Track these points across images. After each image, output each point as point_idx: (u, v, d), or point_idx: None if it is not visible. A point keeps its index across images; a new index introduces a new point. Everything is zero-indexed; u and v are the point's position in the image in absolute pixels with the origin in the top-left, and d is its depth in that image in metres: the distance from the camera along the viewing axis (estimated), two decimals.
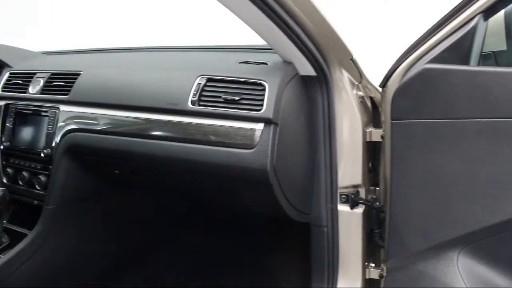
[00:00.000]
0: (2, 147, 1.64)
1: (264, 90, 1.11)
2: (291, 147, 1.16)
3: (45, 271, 1.53)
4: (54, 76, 1.58)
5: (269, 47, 1.40)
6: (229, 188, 1.31)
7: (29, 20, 2.92)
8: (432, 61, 1.05)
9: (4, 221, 1.52)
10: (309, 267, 1.34)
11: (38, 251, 1.50)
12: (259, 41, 1.54)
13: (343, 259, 1.30)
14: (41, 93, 1.57)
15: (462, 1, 1.03)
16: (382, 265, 1.31)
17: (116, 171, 1.52)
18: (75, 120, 1.44)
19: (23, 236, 1.53)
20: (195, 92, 1.19)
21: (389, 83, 1.16)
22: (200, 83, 1.20)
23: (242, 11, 1.01)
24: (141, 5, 2.63)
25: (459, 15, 1.03)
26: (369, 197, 1.30)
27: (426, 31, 1.09)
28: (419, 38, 1.11)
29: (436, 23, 1.08)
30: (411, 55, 1.11)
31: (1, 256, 1.45)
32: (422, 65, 1.06)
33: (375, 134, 1.25)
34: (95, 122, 1.39)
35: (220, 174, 1.19)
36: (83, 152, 1.46)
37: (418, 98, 1.07)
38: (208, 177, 1.27)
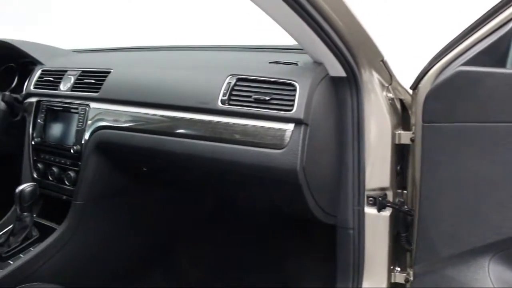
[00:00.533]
0: (33, 143, 1.67)
1: (295, 90, 1.11)
2: (320, 148, 1.16)
3: (72, 266, 1.55)
4: (85, 73, 1.60)
5: (299, 48, 1.40)
6: (256, 187, 1.31)
7: (59, 19, 2.97)
8: (467, 63, 1.03)
9: (34, 215, 1.54)
10: (333, 269, 1.33)
11: (66, 246, 1.52)
12: (287, 42, 1.56)
13: (369, 262, 1.29)
14: (72, 90, 1.59)
15: (499, 3, 1.01)
16: (408, 270, 1.30)
17: (144, 169, 1.54)
18: (104, 117, 1.46)
19: (52, 230, 1.55)
20: (225, 92, 1.20)
21: (421, 85, 1.15)
22: (230, 83, 1.20)
23: (274, 11, 1.01)
24: (169, 4, 2.65)
25: (496, 16, 1.01)
26: (397, 200, 1.28)
27: (461, 33, 1.08)
28: (453, 40, 1.09)
29: (471, 25, 1.06)
30: (444, 57, 1.09)
31: (31, 249, 1.48)
32: (456, 67, 1.04)
33: (405, 137, 1.24)
34: (124, 119, 1.40)
35: (248, 173, 1.19)
36: (112, 149, 1.48)
37: (452, 101, 1.05)
38: (235, 176, 1.27)
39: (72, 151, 1.53)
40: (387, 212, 1.25)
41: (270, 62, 1.28)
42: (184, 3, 2.60)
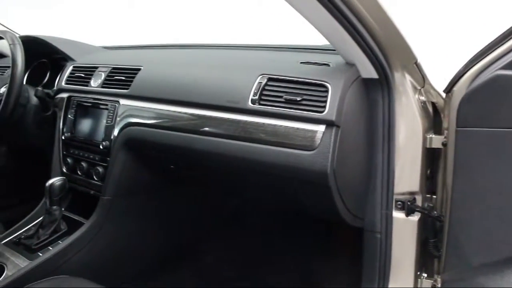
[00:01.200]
0: (63, 138, 1.70)
1: (327, 91, 1.10)
2: (350, 151, 1.15)
3: (98, 260, 1.57)
4: (115, 70, 1.62)
5: (330, 48, 1.40)
6: (284, 188, 1.31)
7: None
8: (505, 67, 1.01)
9: (63, 209, 1.57)
10: (358, 272, 1.32)
11: (93, 240, 1.54)
12: (315, 42, 1.55)
13: (395, 267, 1.27)
14: (102, 87, 1.61)
15: None
16: (436, 276, 1.28)
17: (171, 166, 1.54)
18: (134, 114, 1.47)
19: (79, 224, 1.57)
20: (255, 91, 1.19)
21: (455, 88, 1.13)
22: (261, 82, 1.20)
23: (307, 10, 1.00)
24: (198, 2, 2.66)
25: None
26: (426, 205, 1.26)
27: (499, 36, 1.05)
28: (490, 43, 1.07)
29: (509, 28, 1.04)
30: (481, 60, 1.07)
31: (60, 242, 1.50)
32: (493, 71, 1.02)
33: (436, 141, 1.22)
34: (153, 117, 1.41)
35: (276, 174, 1.18)
36: (140, 146, 1.49)
37: (488, 106, 1.03)
38: (264, 176, 1.26)
39: (101, 147, 1.55)
40: (415, 217, 1.23)
41: (301, 62, 1.27)
42: (213, 2, 2.61)
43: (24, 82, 1.66)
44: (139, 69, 1.53)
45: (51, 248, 1.48)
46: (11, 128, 1.67)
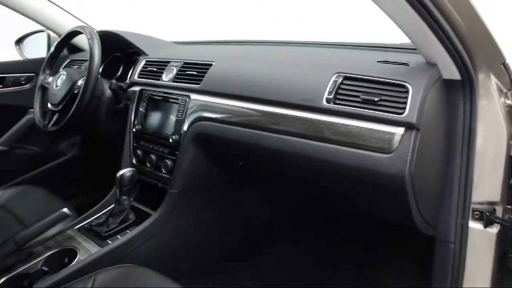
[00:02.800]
0: (134, 130, 1.74)
1: (407, 92, 1.05)
2: (428, 155, 1.09)
3: (163, 252, 1.60)
4: (187, 65, 1.64)
5: (408, 47, 1.34)
6: (355, 190, 1.27)
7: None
8: None
9: (131, 199, 1.61)
10: (428, 284, 1.26)
11: (160, 232, 1.57)
12: (392, 39, 1.49)
13: (468, 280, 1.20)
14: (174, 81, 1.64)
15: None
16: None
17: (240, 163, 1.54)
18: (204, 109, 1.48)
19: (147, 215, 1.61)
20: (330, 90, 1.16)
21: None
22: (336, 81, 1.16)
23: (391, 7, 0.96)
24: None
25: None
26: (507, 217, 1.18)
27: None
28: None
29: None
30: None
31: (128, 231, 1.54)
32: None
33: None
34: (224, 112, 1.41)
35: (348, 175, 1.15)
36: (209, 141, 1.50)
37: None
38: (334, 178, 1.23)
39: (170, 140, 1.57)
40: (494, 229, 1.15)
41: (378, 61, 1.22)
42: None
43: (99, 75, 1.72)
44: (210, 65, 1.54)
45: (119, 237, 1.52)
46: (86, 119, 1.73)
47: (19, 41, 2.47)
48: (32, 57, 2.42)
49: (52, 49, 1.93)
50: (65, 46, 2.08)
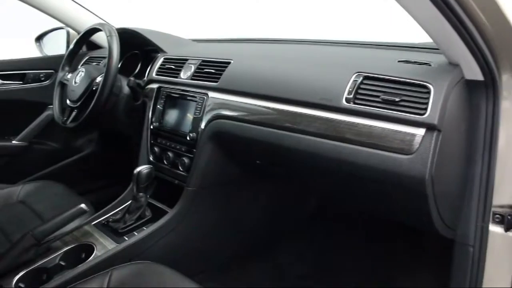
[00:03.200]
0: (151, 127, 1.75)
1: (428, 93, 1.03)
2: (448, 157, 1.07)
3: (178, 249, 1.61)
4: (205, 63, 1.64)
5: (430, 46, 1.32)
6: (373, 191, 1.25)
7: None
8: None
9: (148, 196, 1.61)
10: (445, 286, 1.24)
11: (176, 229, 1.57)
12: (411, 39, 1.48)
13: (487, 285, 1.18)
14: (192, 79, 1.64)
15: None
16: None
17: (257, 161, 1.53)
18: (222, 107, 1.48)
19: (163, 212, 1.62)
20: (350, 90, 1.14)
21: None
22: (356, 81, 1.15)
23: (413, 5, 0.95)
24: None
25: None
26: None
27: None
28: None
29: None
30: None
31: (144, 228, 1.55)
32: None
33: None
34: (242, 111, 1.41)
35: (367, 176, 1.13)
36: (227, 140, 1.49)
37: None
38: (352, 178, 1.22)
39: (188, 138, 1.57)
40: None
41: (399, 61, 1.21)
42: None
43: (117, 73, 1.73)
44: (229, 63, 1.54)
45: (136, 234, 1.52)
46: (104, 115, 1.74)
47: (39, 38, 2.50)
48: (51, 54, 2.45)
49: (71, 46, 1.94)
50: (84, 43, 2.10)
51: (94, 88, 1.72)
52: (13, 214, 1.63)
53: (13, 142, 2.22)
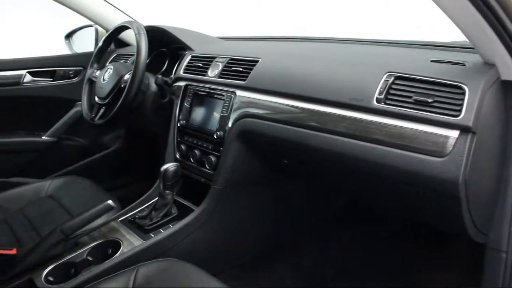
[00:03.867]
0: (178, 125, 1.75)
1: (463, 94, 1.00)
2: (482, 160, 1.04)
3: (203, 246, 1.61)
4: (233, 61, 1.63)
5: (464, 45, 1.29)
6: (402, 194, 1.23)
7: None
8: None
9: (174, 193, 1.62)
10: None
11: (201, 227, 1.57)
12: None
13: None
14: (219, 77, 1.63)
15: None
16: None
17: (285, 161, 1.52)
18: (249, 106, 1.47)
19: (189, 210, 1.62)
20: (381, 90, 1.12)
21: None
22: (387, 81, 1.12)
23: (449, 4, 0.92)
24: None
25: None
26: None
27: None
28: None
29: None
30: None
31: (170, 226, 1.55)
32: None
33: None
34: (270, 110, 1.40)
35: (396, 178, 1.11)
36: (254, 138, 1.48)
37: None
38: (381, 179, 1.20)
39: (215, 136, 1.57)
40: None
41: (431, 61, 1.18)
42: None
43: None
44: (257, 61, 1.53)
45: (162, 231, 1.53)
46: (131, 113, 1.75)
47: (68, 36, 2.54)
48: (80, 51, 2.48)
49: (100, 43, 1.96)
50: (113, 41, 2.12)
51: (122, 86, 1.73)
52: (42, 208, 1.65)
53: (43, 138, 2.26)
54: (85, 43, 2.46)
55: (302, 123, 1.29)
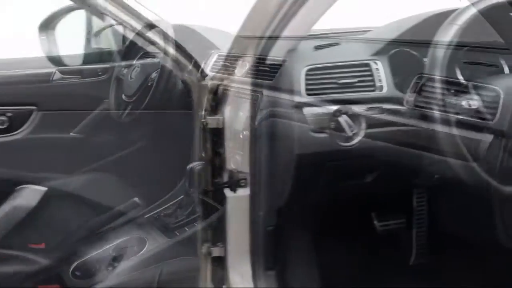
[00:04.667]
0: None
1: (498, 97, 0.97)
2: None
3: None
4: (260, 61, 1.62)
5: (498, 46, 1.25)
6: (433, 198, 1.21)
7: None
8: None
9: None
10: None
11: None
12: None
13: None
14: (246, 76, 1.62)
15: None
16: None
17: None
18: (277, 106, 1.46)
19: (214, 208, 1.62)
20: (412, 91, 1.10)
21: None
22: (418, 82, 1.11)
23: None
24: None
25: None
26: None
27: None
28: None
29: None
30: None
31: (195, 225, 1.55)
32: None
33: None
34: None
35: (430, 182, 1.09)
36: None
37: None
38: (413, 184, 1.18)
39: (241, 136, 1.56)
40: None
41: (464, 62, 1.15)
42: None
43: None
44: (284, 60, 1.51)
45: (187, 230, 1.53)
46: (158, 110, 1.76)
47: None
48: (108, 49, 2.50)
49: (127, 42, 1.97)
50: (140, 39, 2.13)
51: (149, 84, 1.74)
52: (69, 205, 1.67)
53: (71, 134, 2.29)
54: (111, 41, 2.47)
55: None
